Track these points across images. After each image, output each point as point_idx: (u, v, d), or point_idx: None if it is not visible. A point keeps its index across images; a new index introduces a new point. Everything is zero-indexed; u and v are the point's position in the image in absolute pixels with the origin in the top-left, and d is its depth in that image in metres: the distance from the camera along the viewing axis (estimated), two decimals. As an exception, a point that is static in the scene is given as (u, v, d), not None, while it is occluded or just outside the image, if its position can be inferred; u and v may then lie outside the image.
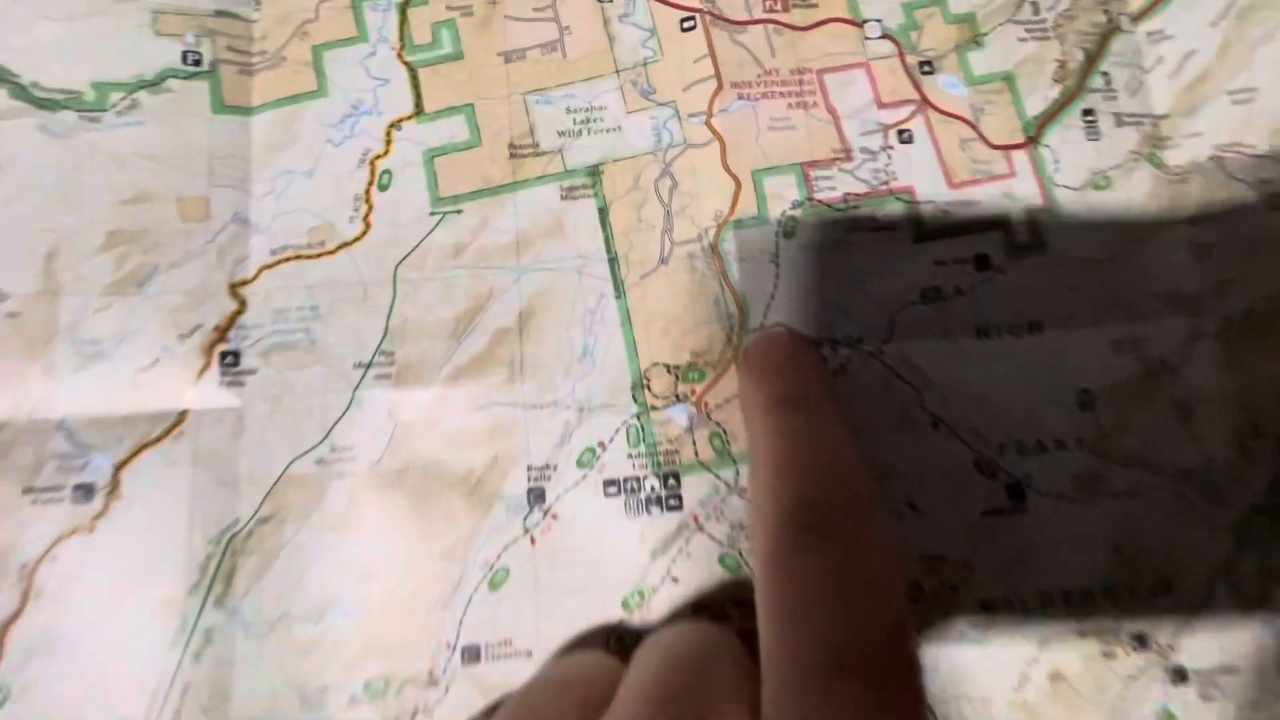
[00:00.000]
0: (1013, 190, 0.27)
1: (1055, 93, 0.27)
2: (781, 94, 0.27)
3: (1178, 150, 0.27)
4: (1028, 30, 0.28)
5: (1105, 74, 0.28)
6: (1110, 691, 0.24)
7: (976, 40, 0.28)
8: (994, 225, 0.26)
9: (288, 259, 0.25)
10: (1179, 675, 0.24)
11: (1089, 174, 0.27)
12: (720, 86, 0.27)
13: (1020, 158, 0.27)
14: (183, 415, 0.24)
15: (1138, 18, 0.28)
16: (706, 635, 0.21)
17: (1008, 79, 0.27)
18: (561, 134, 0.26)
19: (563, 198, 0.26)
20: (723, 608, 0.24)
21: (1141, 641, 0.24)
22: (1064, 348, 0.26)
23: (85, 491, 0.23)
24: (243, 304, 0.25)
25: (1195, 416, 0.25)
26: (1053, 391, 0.26)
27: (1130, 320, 0.26)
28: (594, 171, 0.26)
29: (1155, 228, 0.27)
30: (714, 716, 0.17)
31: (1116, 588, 0.24)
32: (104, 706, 0.22)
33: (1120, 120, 0.27)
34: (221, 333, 0.25)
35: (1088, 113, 0.27)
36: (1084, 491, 0.25)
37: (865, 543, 0.18)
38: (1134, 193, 0.27)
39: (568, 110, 0.27)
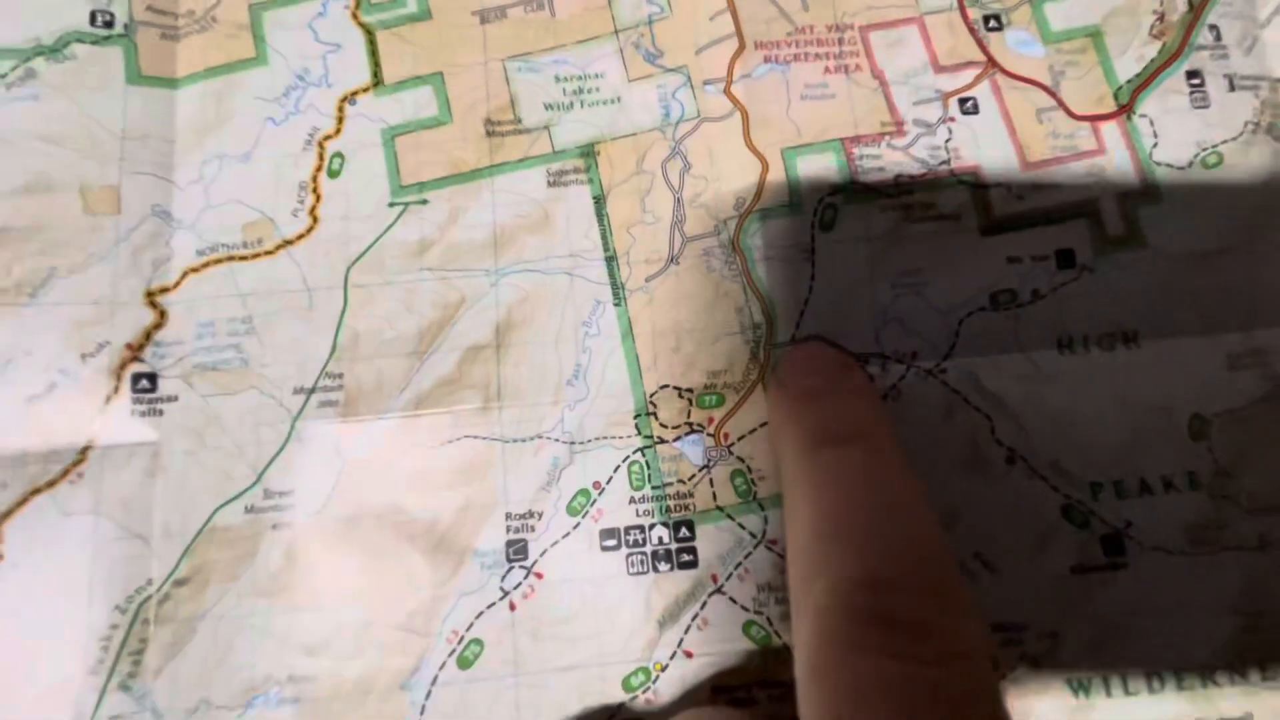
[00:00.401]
0: (1102, 170, 0.22)
1: (1153, 51, 0.23)
2: (817, 55, 0.22)
3: (1303, 119, 0.22)
4: (1117, -25, 0.23)
5: (1214, 27, 0.23)
6: (1237, 797, 0.19)
7: (1054, -12, 0.23)
8: (1080, 213, 0.22)
9: (217, 261, 0.21)
10: (1324, 775, 0.19)
11: (1196, 149, 0.22)
12: (742, 47, 0.22)
13: (1111, 131, 0.22)
14: (84, 453, 0.20)
15: (1249, -41, 0.23)
16: None
17: (1094, 35, 0.23)
18: (549, 107, 0.22)
19: (550, 184, 0.22)
20: (748, 689, 0.20)
21: (1276, 733, 0.19)
22: (1168, 363, 0.21)
23: (-42, 551, 0.19)
24: (162, 316, 0.21)
25: (1336, 448, 0.21)
26: (1156, 418, 0.21)
27: (1250, 328, 0.21)
28: (588, 152, 0.22)
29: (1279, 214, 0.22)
30: None
31: (1243, 664, 0.20)
32: (-25, 823, 0.18)
33: (1234, 84, 0.23)
34: (135, 351, 0.20)
35: (1193, 75, 0.23)
36: (1199, 544, 0.20)
37: (953, 642, 0.13)
38: (1253, 171, 0.22)
39: (556, 79, 0.22)
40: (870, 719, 0.13)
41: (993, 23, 0.23)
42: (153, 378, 0.20)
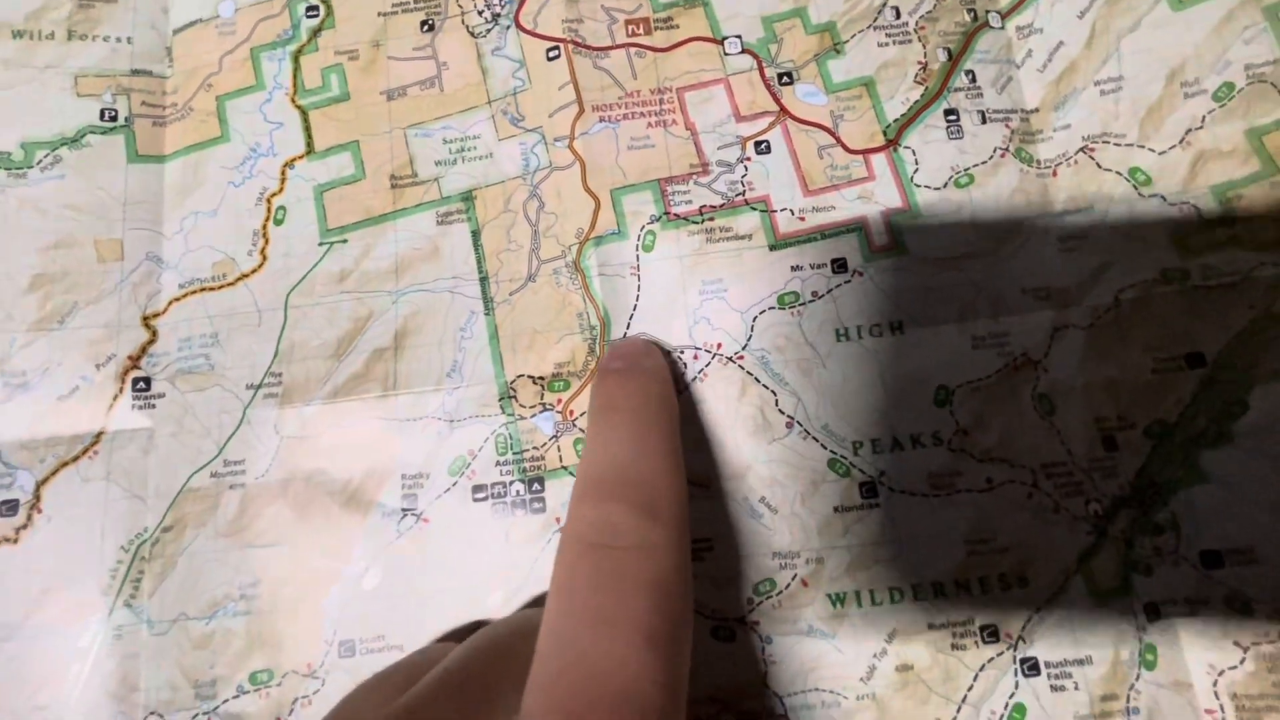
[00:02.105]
0: (871, 194, 0.28)
1: (916, 94, 0.28)
2: (642, 114, 0.29)
3: (1048, 143, 0.28)
4: (888, 35, 0.29)
5: (970, 72, 0.29)
6: (959, 683, 0.25)
7: (837, 48, 0.29)
8: (851, 229, 0.28)
9: (194, 292, 0.29)
10: (1031, 667, 0.25)
11: (950, 172, 0.28)
12: (581, 111, 0.29)
13: (879, 161, 0.28)
14: (99, 436, 0.27)
15: (1007, 14, 0.29)
16: (519, 623, 0.23)
17: (867, 85, 0.29)
18: (438, 163, 0.29)
19: (439, 223, 0.29)
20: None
21: (992, 634, 0.25)
22: (924, 346, 0.27)
23: (10, 506, 0.27)
24: (154, 334, 0.28)
25: (1057, 410, 0.26)
26: (910, 390, 0.27)
27: (995, 316, 0.27)
28: (468, 197, 0.29)
29: (1021, 223, 0.28)
30: (498, 700, 0.20)
31: (968, 581, 0.25)
32: (28, 695, 0.25)
33: (985, 117, 0.28)
34: (134, 361, 0.28)
35: (950, 112, 0.28)
36: (938, 487, 0.26)
37: (643, 538, 0.20)
38: (999, 189, 0.28)
39: (444, 141, 0.29)
40: (571, 579, 0.19)
41: (785, 79, 0.29)
42: (148, 380, 0.28)
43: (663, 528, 0.21)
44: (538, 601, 0.26)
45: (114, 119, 0.30)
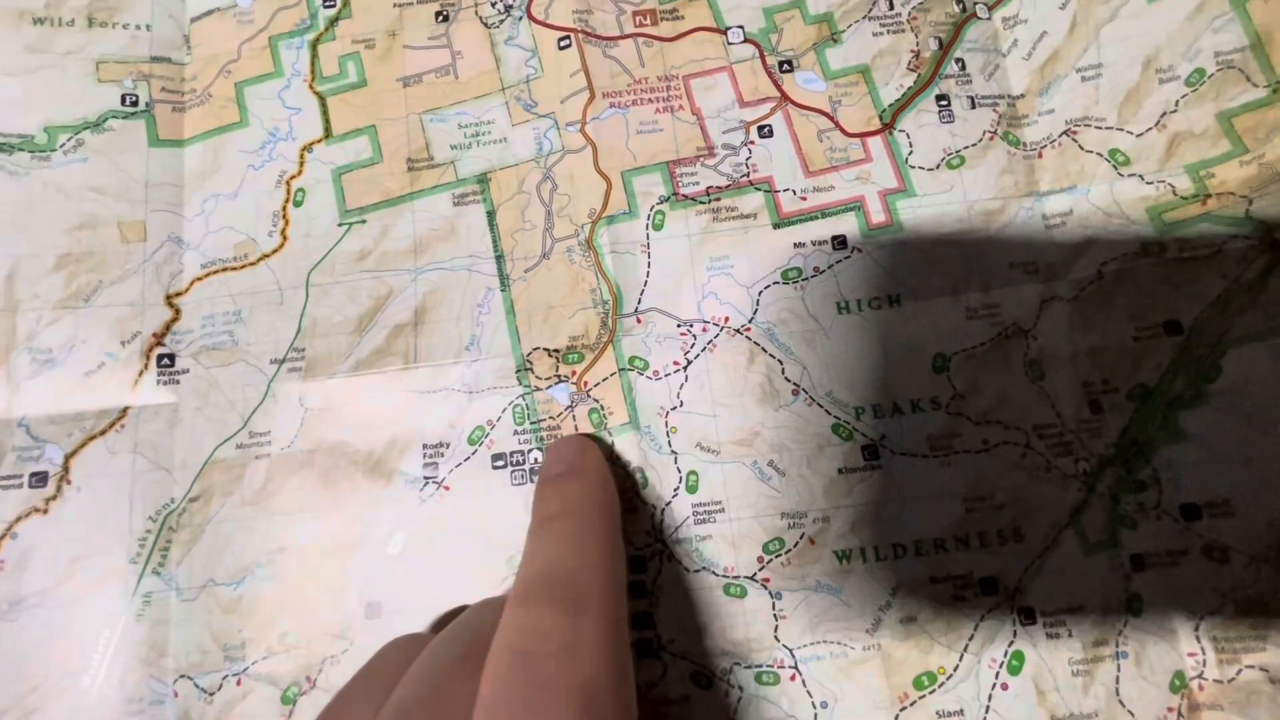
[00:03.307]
0: (869, 174, 0.30)
1: (910, 81, 0.30)
2: (650, 100, 0.30)
3: (1033, 127, 0.30)
4: (882, 25, 0.31)
5: (960, 60, 0.31)
6: (961, 633, 0.27)
7: (834, 38, 0.31)
8: (850, 208, 0.29)
9: (216, 271, 0.30)
10: (1027, 616, 0.27)
11: (943, 154, 0.30)
12: (593, 97, 0.30)
13: (876, 144, 0.30)
14: (125, 411, 0.28)
15: (993, 5, 0.31)
16: (485, 611, 0.24)
17: (863, 72, 0.31)
18: (454, 147, 0.31)
19: (455, 204, 0.30)
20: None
21: (991, 586, 0.27)
22: (921, 317, 0.29)
23: (40, 479, 0.28)
24: (177, 312, 0.30)
25: (1047, 375, 0.28)
26: (909, 358, 0.28)
27: (986, 289, 0.29)
28: (483, 179, 0.30)
29: (1009, 201, 0.29)
30: (458, 684, 0.20)
31: (967, 536, 0.27)
32: (59, 660, 0.26)
33: (975, 102, 0.30)
34: (159, 338, 0.29)
35: (941, 98, 0.30)
36: (937, 449, 0.28)
37: (569, 637, 0.20)
38: (988, 170, 0.30)
39: (459, 126, 0.31)
40: (496, 692, 0.19)
41: (785, 66, 0.31)
42: (171, 357, 0.29)
43: (591, 623, 0.21)
44: None
45: (135, 104, 0.31)
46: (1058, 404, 0.28)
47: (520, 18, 0.31)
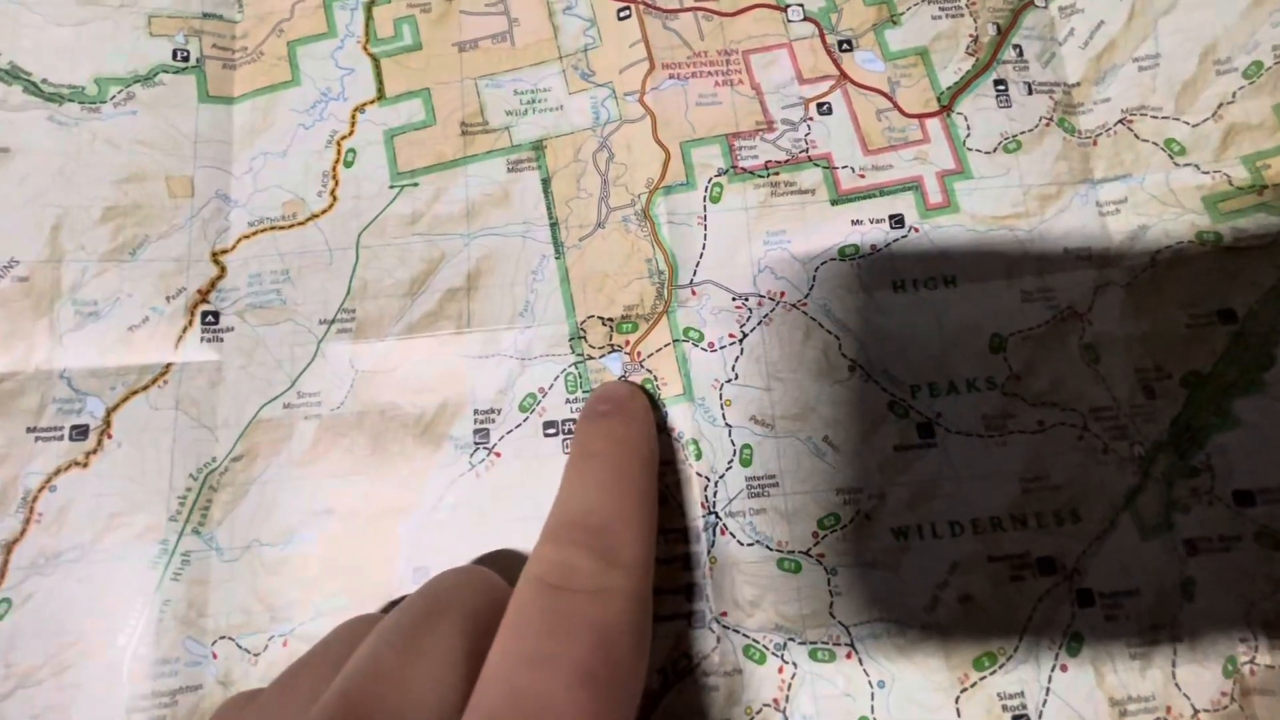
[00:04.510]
0: (926, 155, 0.30)
1: (968, 65, 0.31)
2: (709, 73, 0.31)
3: (1089, 115, 0.31)
4: (942, 9, 0.31)
5: (1017, 46, 0.31)
6: (1019, 614, 0.27)
7: (894, 20, 0.31)
8: (908, 187, 0.30)
9: (263, 230, 0.30)
10: (1085, 598, 0.27)
11: (1000, 138, 0.30)
12: (653, 67, 0.31)
13: (934, 125, 0.30)
14: (168, 367, 0.28)
15: (1050, -6, 0.32)
16: (449, 575, 0.24)
17: (922, 54, 0.31)
18: (509, 113, 0.31)
19: (509, 170, 0.30)
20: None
21: (1049, 566, 0.27)
22: (976, 299, 0.29)
23: (81, 431, 0.27)
24: (222, 270, 0.29)
25: (1102, 359, 0.28)
26: (965, 338, 0.29)
27: (1040, 273, 0.29)
28: (538, 146, 0.30)
29: (1064, 187, 0.30)
30: (427, 637, 0.21)
31: (1024, 516, 0.27)
32: (94, 616, 0.26)
33: (1031, 89, 0.31)
34: (203, 295, 0.29)
35: (999, 83, 0.31)
36: (992, 429, 0.28)
37: (600, 582, 0.21)
38: (1044, 155, 0.30)
39: (515, 92, 0.31)
40: (520, 618, 0.20)
41: (845, 45, 0.31)
42: (216, 315, 0.29)
43: (621, 575, 0.22)
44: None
45: (185, 59, 0.31)
46: (1113, 387, 0.28)
47: (579, -12, 0.32)
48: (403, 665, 0.20)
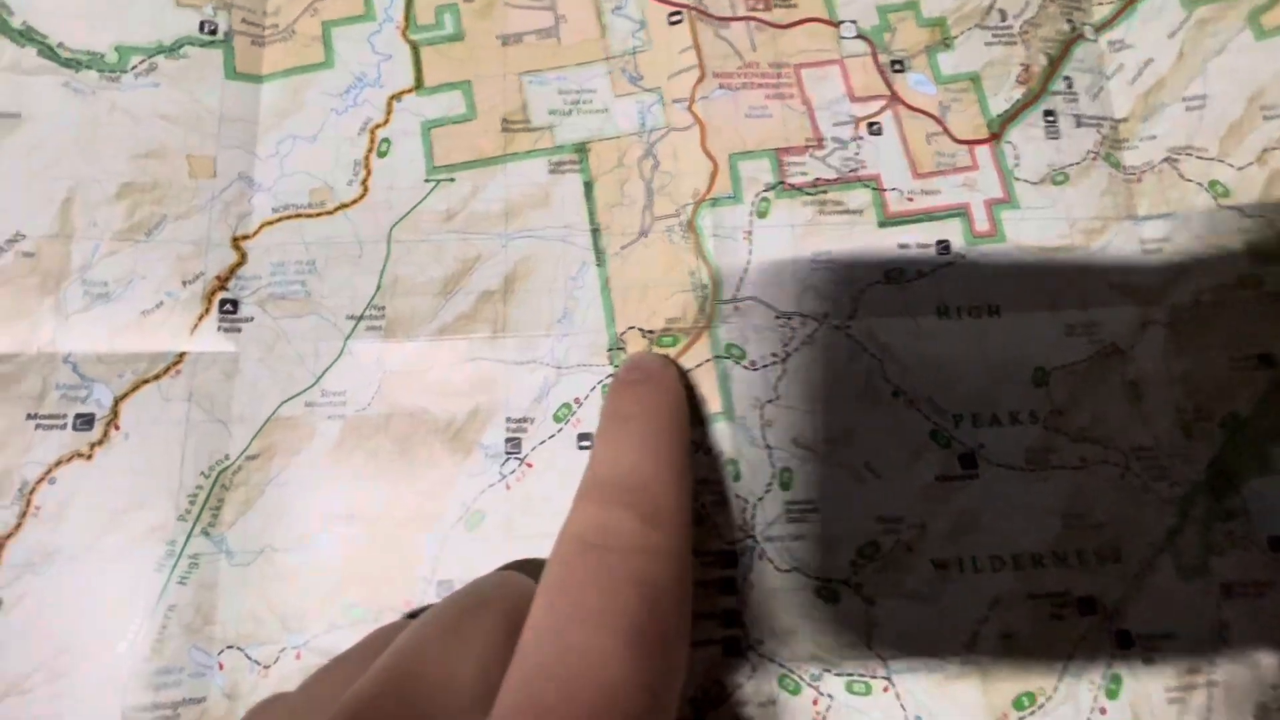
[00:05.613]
0: (975, 182, 0.30)
1: (1018, 94, 0.31)
2: (760, 85, 0.30)
3: (1134, 151, 0.31)
4: (995, 35, 0.31)
5: (1067, 78, 0.31)
6: (1059, 652, 0.27)
7: (946, 43, 0.31)
8: (955, 213, 0.30)
9: (288, 217, 0.29)
10: (1124, 639, 0.27)
11: (1048, 170, 0.30)
12: (703, 76, 0.30)
13: (983, 152, 0.30)
14: (181, 356, 0.27)
15: (1100, 27, 0.32)
16: (469, 600, 0.23)
17: (974, 79, 0.31)
18: (552, 112, 0.30)
19: (550, 171, 0.30)
20: (687, 560, 0.27)
21: (1089, 606, 0.27)
22: (1020, 329, 0.29)
23: (86, 421, 0.26)
24: (243, 256, 0.28)
25: (1144, 397, 0.29)
26: (1008, 369, 0.29)
27: (1084, 307, 0.29)
28: (581, 149, 0.30)
29: (1109, 223, 0.30)
30: (470, 622, 0.20)
31: (1065, 554, 0.27)
32: (92, 620, 0.25)
33: (1080, 121, 0.31)
34: (222, 281, 0.28)
35: (1049, 113, 0.31)
36: (1034, 463, 0.28)
37: (640, 542, 0.21)
38: (1090, 189, 0.30)
39: (559, 91, 0.30)
40: (563, 576, 0.20)
41: (897, 66, 0.31)
42: (235, 303, 0.28)
43: (664, 535, 0.22)
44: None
45: (213, 33, 0.30)
46: (1153, 426, 0.28)
47: (630, -12, 0.31)
48: (446, 647, 0.20)
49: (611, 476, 0.23)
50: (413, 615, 0.26)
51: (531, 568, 0.26)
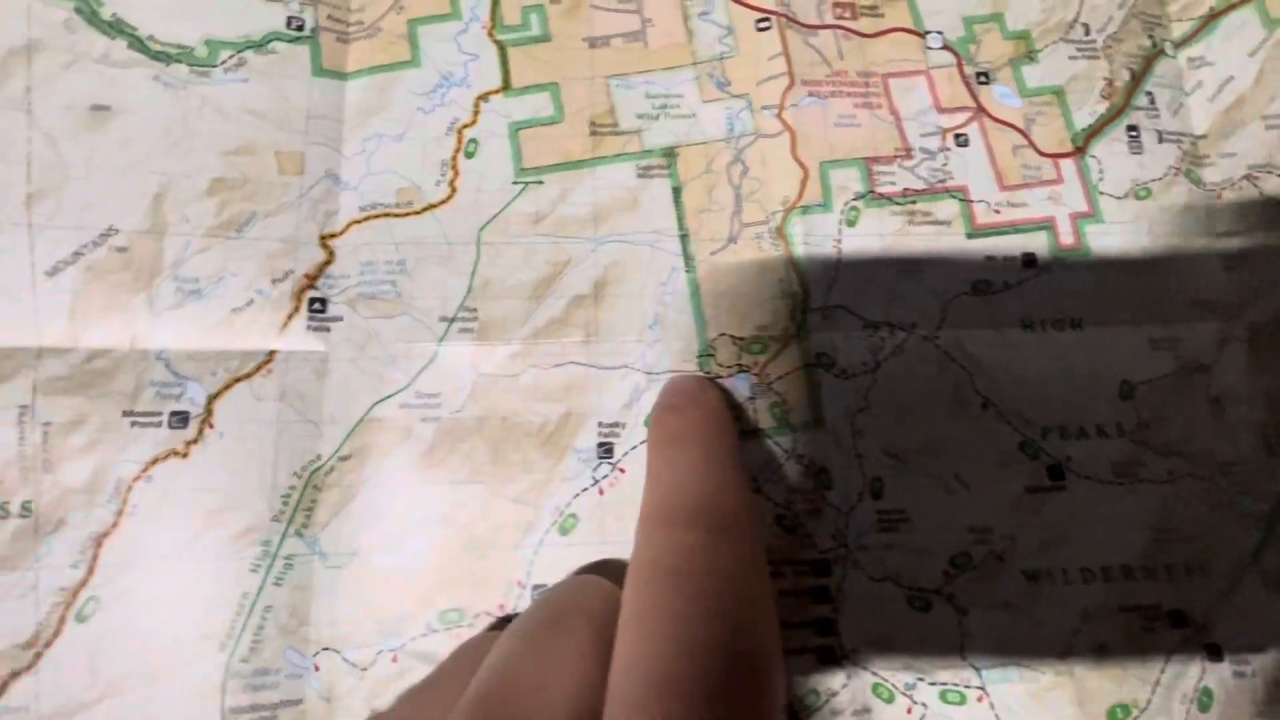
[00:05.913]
0: (1060, 195, 0.30)
1: (1102, 108, 0.31)
2: (849, 94, 0.30)
3: (1214, 168, 0.31)
4: (1079, 49, 0.32)
5: (1149, 94, 0.32)
6: (1152, 665, 0.27)
7: (1030, 56, 0.32)
8: (1041, 226, 0.30)
9: (375, 216, 0.28)
10: (1214, 652, 0.27)
11: (1131, 184, 0.31)
12: (792, 83, 0.30)
13: (1068, 166, 0.31)
14: (271, 354, 0.27)
15: (1180, 44, 0.32)
16: (571, 582, 0.23)
17: (1058, 93, 0.31)
18: (640, 116, 0.30)
19: (639, 176, 0.30)
20: (776, 565, 0.27)
21: (1179, 619, 0.27)
22: (1104, 343, 0.29)
23: (181, 419, 0.26)
24: (331, 255, 0.28)
25: (1227, 413, 0.29)
26: (1094, 383, 0.29)
27: (1166, 322, 0.30)
28: (669, 153, 0.30)
29: (1190, 238, 0.30)
30: (557, 638, 0.20)
31: (1154, 567, 0.28)
32: (188, 620, 0.24)
33: (1162, 137, 0.31)
34: (311, 280, 0.28)
35: (1132, 129, 0.31)
36: (1121, 476, 0.28)
37: (712, 559, 0.21)
38: (1172, 205, 0.31)
39: (647, 95, 0.30)
40: (648, 597, 0.20)
41: (983, 78, 0.31)
42: (324, 302, 0.28)
43: (734, 548, 0.22)
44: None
45: (300, 29, 0.29)
46: (1237, 442, 0.29)
47: (717, -6, 0.31)
48: (536, 666, 0.20)
49: (675, 499, 0.23)
50: (504, 620, 0.26)
51: (609, 569, 0.26)
